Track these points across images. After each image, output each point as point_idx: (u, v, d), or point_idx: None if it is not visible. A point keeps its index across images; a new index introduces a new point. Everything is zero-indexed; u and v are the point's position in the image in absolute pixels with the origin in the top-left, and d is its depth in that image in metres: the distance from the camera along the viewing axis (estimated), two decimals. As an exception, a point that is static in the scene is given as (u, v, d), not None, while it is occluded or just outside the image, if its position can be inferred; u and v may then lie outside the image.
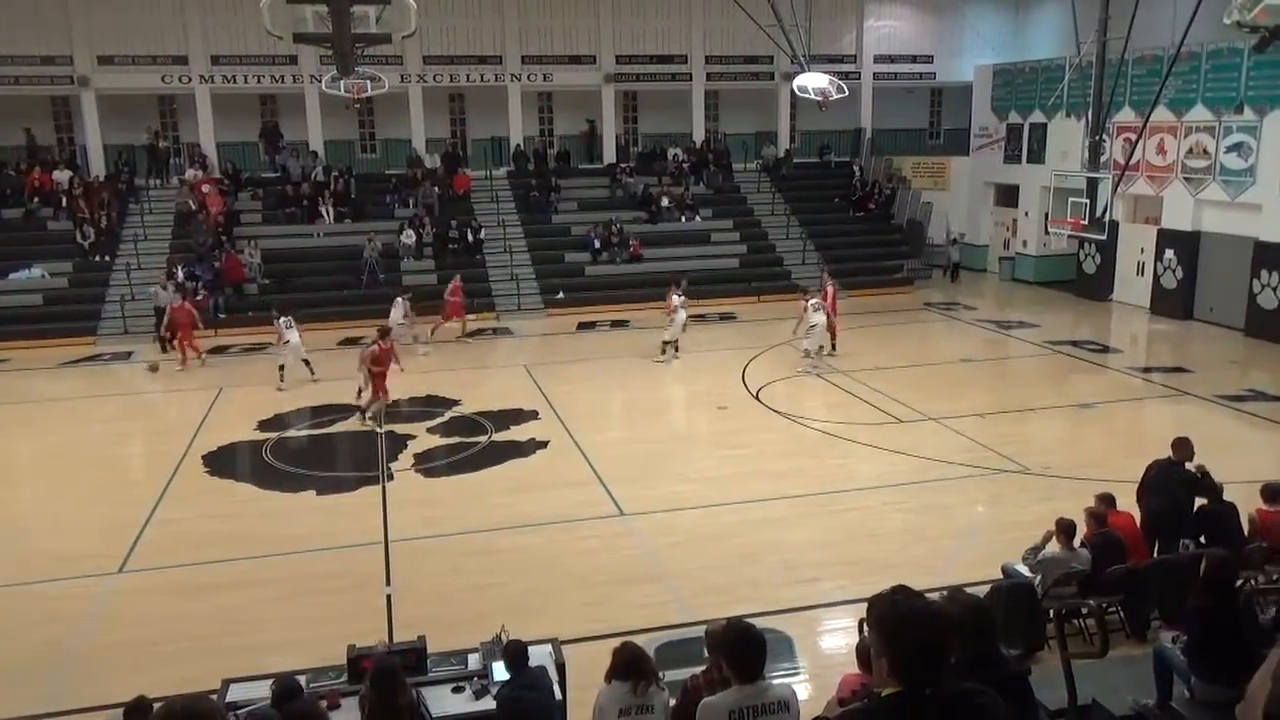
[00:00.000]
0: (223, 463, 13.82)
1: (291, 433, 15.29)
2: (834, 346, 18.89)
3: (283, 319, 17.72)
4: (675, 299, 18.97)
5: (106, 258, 24.06)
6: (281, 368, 17.49)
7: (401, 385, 17.23)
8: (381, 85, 20.90)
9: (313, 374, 17.76)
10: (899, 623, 2.66)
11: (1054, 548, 8.14)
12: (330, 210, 25.99)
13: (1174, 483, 8.95)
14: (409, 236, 25.22)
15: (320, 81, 22.68)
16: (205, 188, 25.35)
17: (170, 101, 28.12)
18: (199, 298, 22.24)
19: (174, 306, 19.61)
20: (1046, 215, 25.51)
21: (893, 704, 2.64)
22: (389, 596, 9.54)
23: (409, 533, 11.08)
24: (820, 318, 17.91)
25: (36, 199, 25.10)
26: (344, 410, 16.12)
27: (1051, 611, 7.37)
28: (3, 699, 7.82)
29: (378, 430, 14.78)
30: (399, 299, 20.12)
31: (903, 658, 2.63)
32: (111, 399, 17.57)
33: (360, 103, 23.89)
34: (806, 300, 18.31)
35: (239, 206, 26.10)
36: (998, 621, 4.47)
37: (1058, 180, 21.03)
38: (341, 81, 20.19)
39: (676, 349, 19.11)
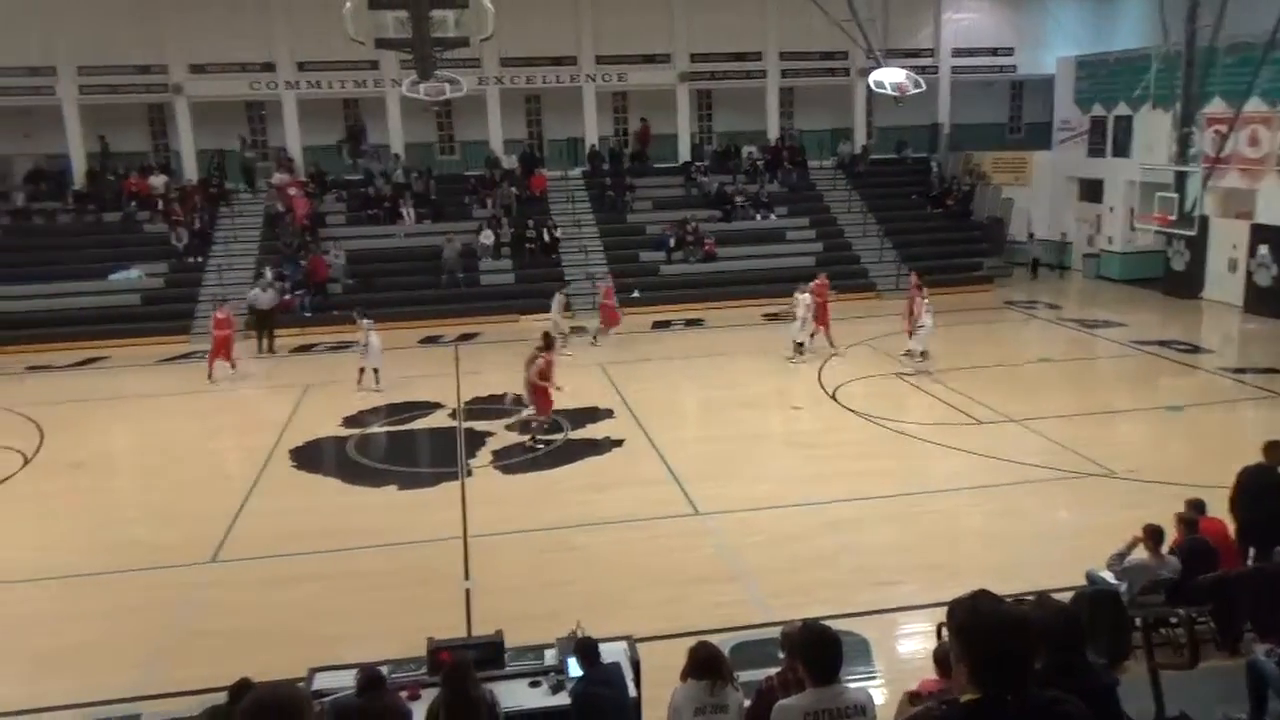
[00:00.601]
0: (309, 458, 14.25)
1: (375, 429, 15.68)
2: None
3: (364, 320, 17.99)
4: (803, 299, 18.76)
5: (200, 259, 25.00)
6: (365, 370, 17.59)
7: (480, 383, 17.58)
8: (460, 88, 21.22)
9: (359, 382, 17.47)
10: (979, 628, 2.64)
11: (1141, 554, 7.92)
12: (411, 211, 26.54)
13: (1268, 488, 8.63)
14: (488, 237, 25.61)
15: (401, 85, 23.15)
16: (291, 190, 26.13)
17: (259, 107, 29.04)
18: (287, 297, 22.94)
19: (219, 318, 18.84)
20: (1132, 210, 24.80)
21: (971, 710, 2.62)
22: (467, 591, 9.74)
23: (487, 528, 11.29)
24: (929, 320, 17.65)
25: (134, 203, 26.23)
26: (424, 408, 16.46)
27: (1138, 620, 7.18)
28: (99, 681, 8.21)
29: (536, 448, 14.24)
30: (557, 294, 20.40)
31: (982, 664, 2.62)
32: (205, 395, 18.19)
33: (439, 105, 24.27)
34: (923, 300, 18.01)
35: (324, 208, 26.82)
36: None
37: (1144, 174, 20.36)
38: (421, 85, 20.57)
39: (802, 348, 18.89)
